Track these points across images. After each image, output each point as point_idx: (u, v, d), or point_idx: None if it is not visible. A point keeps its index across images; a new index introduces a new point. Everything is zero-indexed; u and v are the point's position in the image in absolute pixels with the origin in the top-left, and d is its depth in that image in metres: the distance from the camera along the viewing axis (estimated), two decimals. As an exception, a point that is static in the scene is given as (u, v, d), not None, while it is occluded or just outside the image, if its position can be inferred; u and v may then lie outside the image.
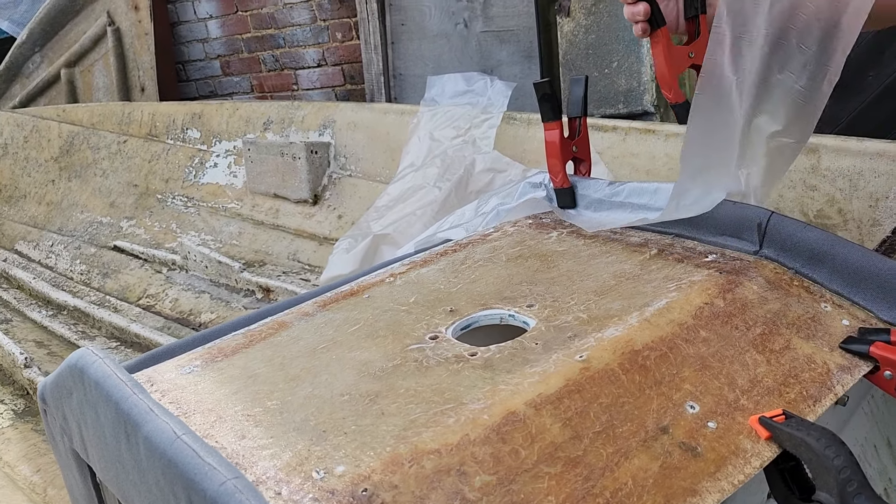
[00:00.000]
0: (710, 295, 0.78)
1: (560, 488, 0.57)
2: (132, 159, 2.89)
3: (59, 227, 2.86)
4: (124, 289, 2.39)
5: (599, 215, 1.01)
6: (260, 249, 2.36)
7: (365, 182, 2.31)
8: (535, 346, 0.72)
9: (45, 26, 3.58)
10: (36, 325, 2.22)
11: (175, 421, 0.60)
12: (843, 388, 0.70)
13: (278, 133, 2.54)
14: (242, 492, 0.51)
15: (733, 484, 0.60)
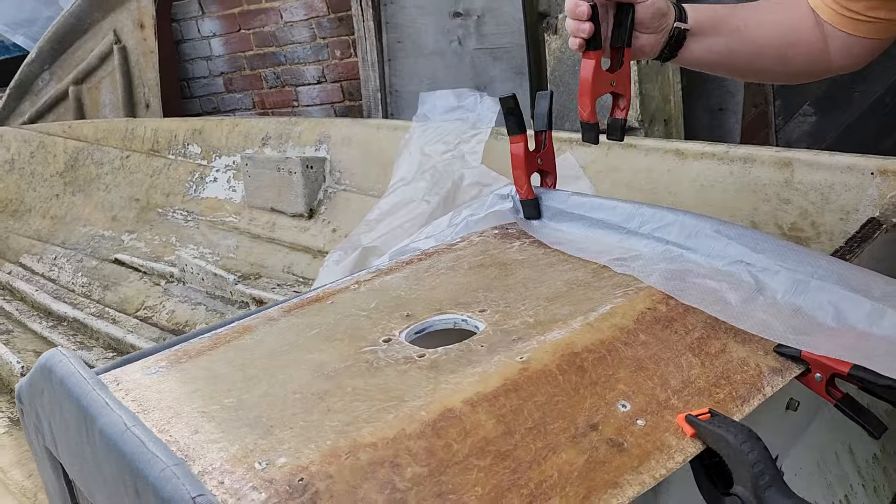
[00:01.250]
0: (653, 301, 0.82)
1: (487, 479, 0.60)
2: (134, 174, 2.95)
3: (62, 241, 2.92)
4: (123, 301, 2.44)
5: (561, 226, 1.04)
6: (256, 262, 2.41)
7: (358, 196, 2.35)
8: (480, 349, 0.76)
9: (53, 44, 3.66)
10: (36, 336, 2.27)
11: (127, 414, 0.64)
12: (772, 388, 0.73)
13: (276, 148, 2.59)
14: (179, 477, 0.54)
15: (654, 477, 0.63)
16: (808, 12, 1.02)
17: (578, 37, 0.95)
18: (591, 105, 0.99)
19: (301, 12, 2.99)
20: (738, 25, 1.03)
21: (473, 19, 2.46)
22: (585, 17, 0.94)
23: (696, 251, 0.90)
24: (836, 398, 0.74)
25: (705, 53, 1.04)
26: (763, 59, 1.04)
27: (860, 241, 1.01)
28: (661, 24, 0.99)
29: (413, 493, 0.59)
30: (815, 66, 1.05)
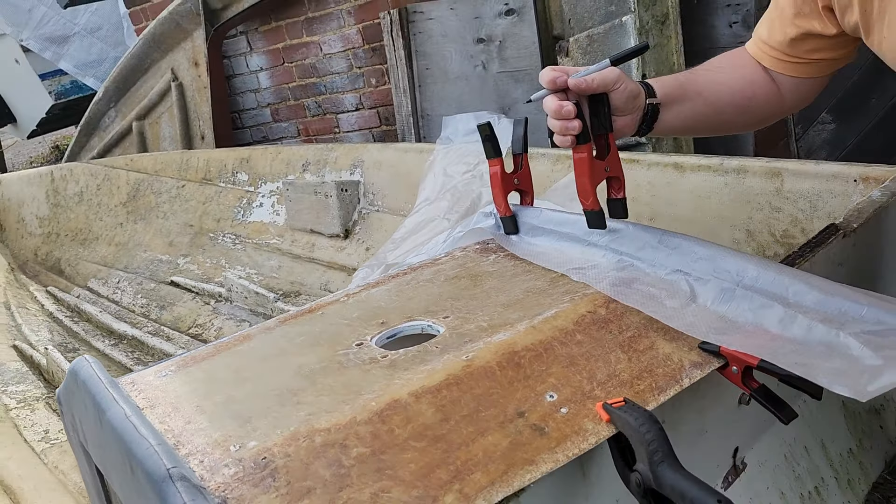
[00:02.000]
0: (595, 305, 0.92)
1: (421, 458, 0.71)
2: (189, 202, 3.16)
3: (125, 266, 3.15)
4: (177, 319, 2.63)
5: (534, 240, 1.15)
6: (296, 281, 2.57)
7: (390, 216, 2.49)
8: (435, 349, 0.87)
9: (118, 84, 3.94)
10: (99, 353, 2.47)
11: (129, 406, 0.77)
12: (689, 380, 0.81)
13: (315, 173, 2.75)
14: (159, 454, 0.67)
15: (567, 456, 0.72)
16: (755, 65, 1.11)
17: (569, 135, 0.99)
18: (593, 194, 1.04)
19: (338, 44, 3.16)
20: (700, 90, 1.10)
21: (495, 45, 2.58)
22: (573, 115, 0.98)
23: (643, 261, 0.99)
24: (752, 388, 0.82)
25: (676, 120, 1.09)
26: (726, 115, 1.12)
27: (813, 246, 1.08)
28: (635, 105, 1.04)
29: (356, 469, 0.70)
30: (771, 111, 1.13)
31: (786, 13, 1.04)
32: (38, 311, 2.85)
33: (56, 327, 2.71)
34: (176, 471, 0.66)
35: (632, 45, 1.11)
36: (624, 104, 1.02)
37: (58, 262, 3.30)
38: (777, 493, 1.12)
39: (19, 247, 3.34)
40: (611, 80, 0.98)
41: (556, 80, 0.98)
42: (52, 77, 5.65)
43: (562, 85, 0.98)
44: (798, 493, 1.14)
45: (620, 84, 0.98)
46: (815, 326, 0.81)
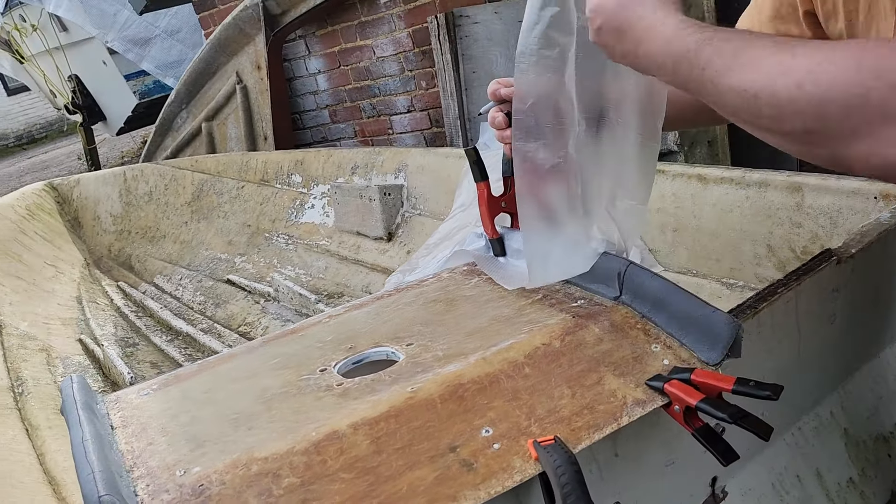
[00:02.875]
0: (551, 336, 0.92)
1: (347, 489, 0.74)
2: (247, 202, 3.28)
3: (188, 263, 3.30)
4: (229, 317, 2.75)
5: (518, 263, 1.15)
6: (341, 282, 2.64)
7: (431, 220, 2.52)
8: (387, 379, 0.89)
9: (189, 87, 4.12)
10: (156, 349, 2.61)
11: (89, 429, 0.83)
12: (629, 418, 0.81)
13: (363, 176, 2.81)
14: (97, 482, 0.73)
15: (489, 493, 0.74)
16: None
17: (506, 143, 1.07)
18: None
19: (390, 48, 3.21)
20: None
21: (538, 47, 2.56)
22: (504, 125, 1.05)
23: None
24: (694, 427, 0.81)
25: None
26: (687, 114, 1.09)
27: (800, 274, 1.05)
28: None
29: (283, 499, 0.74)
30: None
31: (763, 13, 1.01)
32: (106, 306, 3.03)
33: (121, 322, 2.87)
34: (107, 498, 0.71)
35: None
36: None
37: (129, 259, 3.49)
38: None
39: (95, 243, 3.54)
40: None
41: (495, 92, 1.04)
42: (137, 77, 5.94)
43: (500, 96, 1.04)
44: (788, 524, 1.11)
45: None
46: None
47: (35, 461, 1.81)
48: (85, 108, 6.48)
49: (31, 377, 2.26)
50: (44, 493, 1.66)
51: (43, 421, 2.01)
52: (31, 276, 2.99)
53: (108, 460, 0.78)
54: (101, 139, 8.03)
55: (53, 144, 14.30)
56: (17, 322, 2.60)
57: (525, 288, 1.06)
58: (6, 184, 9.92)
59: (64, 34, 6.02)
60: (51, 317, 2.79)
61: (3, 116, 15.72)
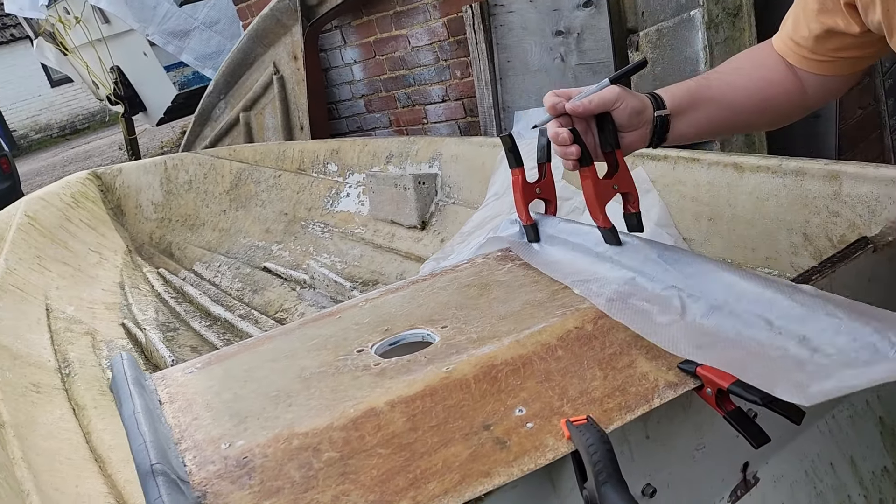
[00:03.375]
0: (584, 320, 0.94)
1: (384, 464, 0.77)
2: (284, 191, 3.33)
3: (226, 250, 3.36)
4: (266, 304, 2.80)
5: (551, 249, 1.17)
6: (375, 270, 2.67)
7: (465, 209, 2.54)
8: (422, 360, 0.92)
9: (227, 77, 4.18)
10: (195, 334, 2.67)
11: (140, 402, 0.87)
12: (661, 400, 0.82)
13: (397, 165, 2.84)
14: (149, 451, 0.76)
15: (522, 470, 0.76)
16: (779, 61, 1.07)
17: (569, 159, 1.02)
18: (602, 212, 1.06)
19: (425, 38, 3.22)
20: (713, 96, 1.07)
21: (574, 37, 2.56)
22: (569, 142, 1.01)
23: (644, 275, 1.00)
24: (726, 410, 0.82)
25: (690, 128, 1.08)
26: (743, 117, 1.09)
27: (835, 262, 1.05)
28: (641, 120, 1.03)
29: (323, 472, 0.77)
30: (793, 109, 1.09)
31: (809, 9, 1.00)
32: (147, 292, 3.10)
33: (162, 307, 2.94)
34: (158, 467, 0.74)
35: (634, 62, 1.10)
36: (628, 121, 1.02)
37: (169, 246, 3.57)
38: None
39: (137, 231, 3.62)
40: (610, 99, 0.99)
41: (556, 106, 1.00)
42: (176, 68, 6.03)
43: (561, 110, 1.00)
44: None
45: (620, 102, 0.99)
46: (791, 348, 0.80)
47: (82, 439, 1.87)
48: (126, 99, 6.61)
49: (77, 359, 2.33)
50: (90, 469, 1.72)
51: (89, 401, 2.07)
52: (76, 262, 3.08)
53: (158, 432, 0.81)
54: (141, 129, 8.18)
55: (95, 135, 14.59)
56: (63, 306, 2.68)
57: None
58: (51, 173, 10.17)
59: (106, 26, 6.13)
60: (95, 301, 2.87)
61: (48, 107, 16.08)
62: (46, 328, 2.52)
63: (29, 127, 16.04)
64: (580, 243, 1.12)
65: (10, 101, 15.68)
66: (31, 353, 2.28)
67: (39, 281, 2.81)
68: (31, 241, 3.02)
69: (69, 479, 1.64)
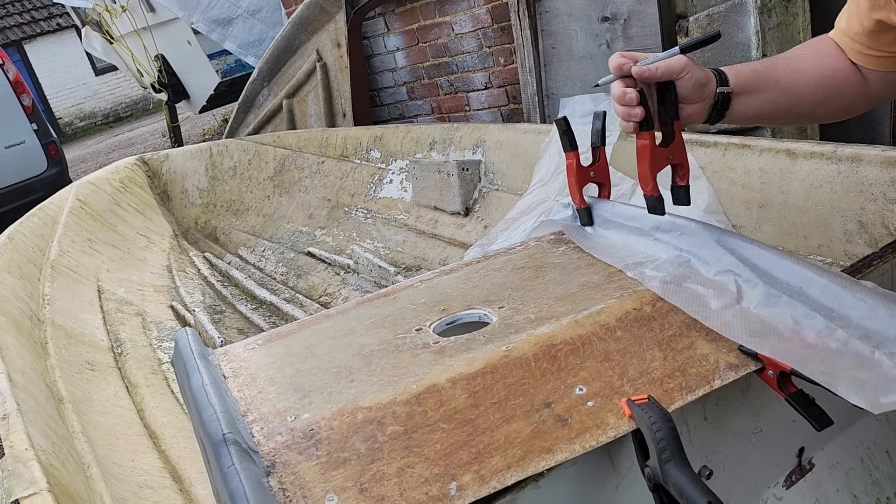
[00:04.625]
0: (642, 302, 0.94)
1: (447, 438, 0.79)
2: (327, 177, 3.37)
3: (270, 235, 3.41)
4: (311, 288, 2.84)
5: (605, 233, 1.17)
6: (419, 256, 2.69)
7: (508, 195, 2.54)
8: (481, 339, 0.93)
9: (270, 65, 4.23)
10: (241, 317, 2.72)
11: (208, 375, 0.89)
12: (721, 382, 0.83)
13: (441, 152, 2.85)
14: (220, 421, 0.79)
15: (584, 447, 0.77)
16: (841, 54, 1.05)
17: (631, 121, 1.01)
18: (653, 180, 1.05)
19: (469, 25, 3.22)
20: (778, 79, 1.05)
21: (620, 23, 2.54)
22: (635, 102, 0.99)
23: (700, 258, 1.00)
24: (788, 392, 0.82)
25: (750, 109, 1.06)
26: (805, 105, 1.07)
27: (871, 260, 1.03)
28: (704, 94, 1.01)
29: (388, 444, 0.78)
30: (857, 101, 1.07)
31: (861, 4, 0.99)
32: (194, 275, 3.16)
33: (208, 290, 3.00)
34: (230, 436, 0.77)
35: (707, 33, 1.09)
36: (691, 93, 1.01)
37: (214, 231, 3.63)
38: (849, 496, 1.09)
39: (183, 215, 3.68)
40: (676, 68, 0.98)
41: (622, 67, 1.00)
42: (219, 57, 6.11)
43: (627, 71, 1.00)
44: (874, 497, 1.11)
45: (686, 73, 0.98)
46: (851, 342, 0.79)
47: (136, 416, 1.92)
48: (170, 87, 6.71)
49: (129, 339, 2.39)
50: (145, 444, 1.77)
51: (141, 379, 2.13)
52: (125, 245, 3.15)
53: (226, 403, 0.84)
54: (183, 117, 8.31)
55: (138, 122, 14.84)
56: (114, 288, 2.75)
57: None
58: (95, 160, 10.37)
59: (151, 15, 6.23)
60: (144, 284, 2.93)
61: (92, 95, 16.39)
62: (99, 309, 2.58)
63: (74, 115, 16.38)
64: (636, 226, 1.12)
65: (56, 89, 16.01)
66: (84, 333, 2.34)
67: (91, 263, 2.89)
68: (82, 224, 3.09)
69: (125, 453, 1.69)
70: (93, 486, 1.43)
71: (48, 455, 1.24)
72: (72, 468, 1.37)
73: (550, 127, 2.39)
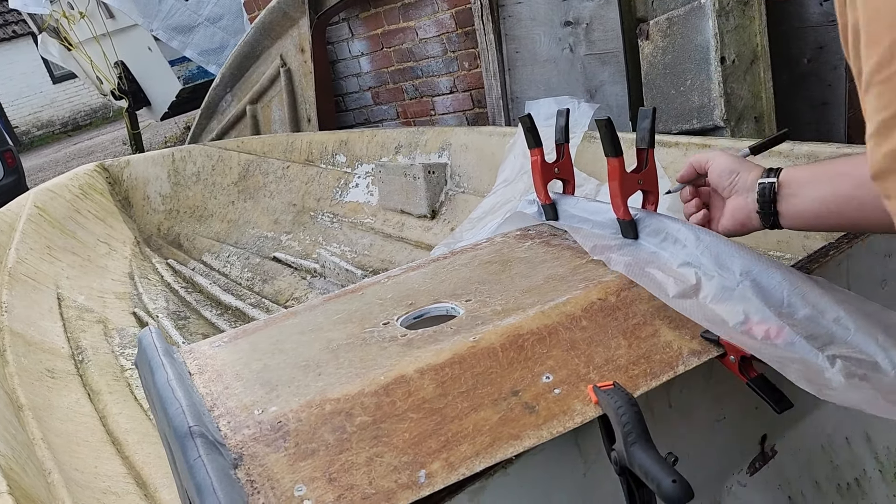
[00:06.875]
0: (607, 292, 0.95)
1: (415, 428, 0.79)
2: (293, 182, 3.35)
3: (235, 241, 3.38)
4: (277, 293, 2.82)
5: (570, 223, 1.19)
6: (386, 259, 2.69)
7: (474, 198, 2.55)
8: (449, 331, 0.93)
9: (233, 70, 4.20)
10: (206, 322, 2.69)
11: (173, 371, 0.88)
12: (685, 367, 0.84)
13: (406, 155, 2.86)
14: (186, 414, 0.78)
15: (552, 433, 0.78)
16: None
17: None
18: (623, 205, 1.05)
19: (433, 29, 3.24)
20: (847, 171, 0.86)
21: (582, 27, 2.58)
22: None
23: (664, 250, 1.02)
24: (749, 377, 0.84)
25: (808, 205, 0.89)
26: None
27: (853, 237, 1.06)
28: (735, 183, 0.97)
29: (356, 435, 0.78)
30: None
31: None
32: (157, 282, 3.12)
33: (172, 297, 2.96)
34: (196, 429, 0.76)
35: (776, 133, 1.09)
36: (717, 181, 0.99)
37: (177, 237, 3.58)
38: (811, 481, 1.12)
39: (145, 222, 3.64)
40: (701, 160, 1.01)
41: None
42: (181, 63, 6.05)
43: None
44: (835, 483, 1.13)
45: (711, 162, 1.00)
46: (798, 342, 0.81)
47: (98, 422, 1.89)
48: (130, 94, 6.62)
49: (90, 346, 2.35)
50: (108, 451, 1.74)
51: (104, 386, 2.09)
52: (85, 252, 3.10)
53: (192, 398, 0.83)
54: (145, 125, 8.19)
55: (98, 131, 14.61)
56: (74, 295, 2.70)
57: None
58: (53, 168, 10.18)
59: (110, 21, 6.15)
60: (105, 291, 2.89)
61: (50, 104, 16.09)
62: (59, 316, 2.54)
63: (31, 123, 16.06)
64: (600, 220, 1.13)
65: (12, 97, 15.69)
66: (44, 340, 2.29)
67: (50, 270, 2.83)
68: (41, 231, 3.03)
69: (88, 459, 1.66)
70: (54, 492, 1.40)
71: (7, 460, 1.21)
72: (32, 474, 1.34)
73: (515, 129, 2.41)
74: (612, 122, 1.07)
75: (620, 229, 1.09)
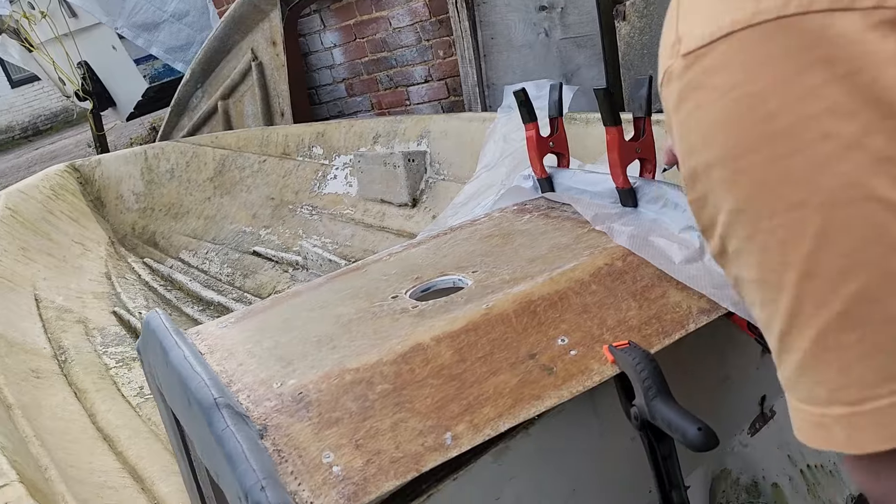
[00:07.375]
0: (613, 257, 0.97)
1: (436, 393, 0.79)
2: (270, 176, 3.33)
3: (213, 237, 3.35)
4: (259, 287, 2.80)
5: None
6: (368, 249, 2.68)
7: (455, 184, 2.56)
8: (460, 300, 0.94)
9: (203, 66, 4.15)
10: (189, 319, 2.66)
11: (188, 348, 0.88)
12: (695, 325, 0.86)
13: (385, 145, 2.86)
14: (209, 387, 0.78)
15: (571, 392, 0.79)
16: None
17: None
18: (623, 173, 1.07)
19: (406, 18, 3.24)
20: None
21: (557, 11, 2.60)
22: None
23: (664, 216, 1.04)
24: (757, 333, 0.86)
25: None
26: None
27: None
28: None
29: (379, 402, 0.79)
30: None
31: None
32: (135, 281, 3.08)
33: (151, 295, 2.92)
34: (222, 400, 0.76)
35: None
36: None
37: (153, 236, 3.54)
38: (809, 441, 1.14)
39: (118, 221, 3.58)
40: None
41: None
42: (147, 62, 5.96)
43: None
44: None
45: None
46: None
47: (87, 420, 1.87)
48: (95, 95, 6.50)
49: (73, 346, 2.32)
50: (101, 447, 1.72)
51: (90, 385, 2.06)
52: (60, 253, 3.05)
53: (211, 371, 0.83)
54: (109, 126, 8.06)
55: (59, 135, 14.32)
56: (52, 296, 2.66)
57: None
58: (16, 174, 9.96)
59: (73, 20, 6.02)
60: (83, 291, 2.84)
61: (8, 109, 15.73)
62: (38, 317, 2.49)
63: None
64: (597, 191, 1.15)
65: (-32, 103, 15.32)
66: (26, 341, 2.26)
67: (26, 272, 2.78)
68: (14, 233, 2.98)
69: (82, 455, 1.64)
70: (53, 487, 1.38)
71: (10, 453, 1.19)
72: (32, 468, 1.32)
73: (494, 115, 2.42)
74: (610, 91, 1.09)
75: (619, 198, 1.11)
